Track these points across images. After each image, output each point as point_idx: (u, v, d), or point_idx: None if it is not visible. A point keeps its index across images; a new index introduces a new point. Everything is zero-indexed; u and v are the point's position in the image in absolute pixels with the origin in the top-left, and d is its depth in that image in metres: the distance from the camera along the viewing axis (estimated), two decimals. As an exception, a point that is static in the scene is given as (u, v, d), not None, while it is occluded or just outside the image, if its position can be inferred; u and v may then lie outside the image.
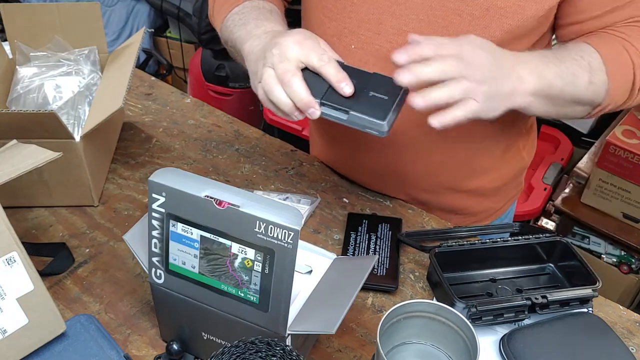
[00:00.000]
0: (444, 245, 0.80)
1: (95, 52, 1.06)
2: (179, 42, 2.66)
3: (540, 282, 0.81)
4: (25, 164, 0.66)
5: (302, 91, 0.67)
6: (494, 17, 0.76)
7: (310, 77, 0.69)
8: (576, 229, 1.85)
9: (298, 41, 0.70)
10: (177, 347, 0.69)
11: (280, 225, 0.56)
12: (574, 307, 0.75)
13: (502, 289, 0.79)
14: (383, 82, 0.70)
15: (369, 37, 0.83)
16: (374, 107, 0.68)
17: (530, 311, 0.74)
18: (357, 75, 0.70)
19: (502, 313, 0.73)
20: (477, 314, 0.72)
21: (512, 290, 0.79)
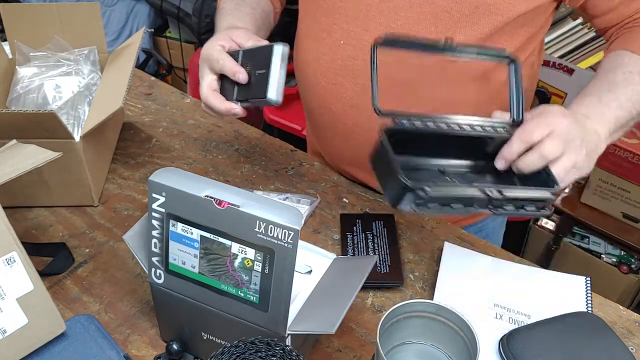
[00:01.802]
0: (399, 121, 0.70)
1: (95, 52, 1.06)
2: (179, 42, 2.66)
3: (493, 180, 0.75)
4: (25, 164, 0.66)
5: (217, 104, 0.79)
6: (483, 14, 0.77)
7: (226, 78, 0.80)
8: (576, 229, 1.85)
9: (205, 58, 0.82)
10: (177, 347, 0.69)
11: (280, 225, 0.56)
12: (529, 211, 0.70)
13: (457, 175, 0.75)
14: (260, 53, 0.77)
15: (357, 34, 0.84)
16: (260, 85, 0.76)
17: (481, 206, 0.67)
18: (251, 56, 0.78)
19: (450, 203, 0.66)
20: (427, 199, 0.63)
21: (462, 184, 0.73)
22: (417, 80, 0.85)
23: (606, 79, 0.77)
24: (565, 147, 0.68)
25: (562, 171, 0.69)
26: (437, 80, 0.85)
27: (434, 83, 0.85)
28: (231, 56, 0.80)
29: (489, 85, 0.86)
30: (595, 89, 0.77)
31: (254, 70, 0.77)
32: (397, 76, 0.83)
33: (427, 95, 0.86)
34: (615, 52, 0.81)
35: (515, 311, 0.77)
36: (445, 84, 0.85)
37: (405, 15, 0.80)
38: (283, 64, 0.76)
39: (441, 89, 0.86)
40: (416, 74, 0.85)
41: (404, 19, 0.80)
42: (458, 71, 0.84)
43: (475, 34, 0.79)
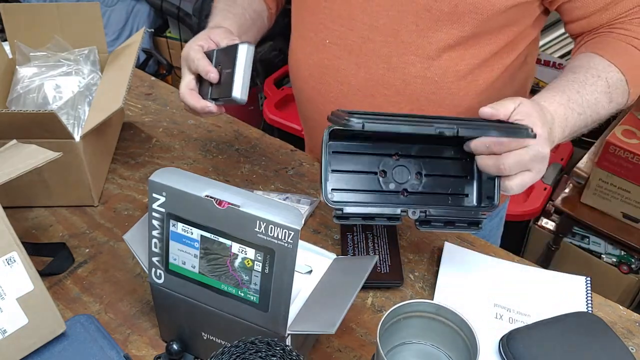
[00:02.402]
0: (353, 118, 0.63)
1: (95, 52, 1.06)
2: (179, 42, 2.65)
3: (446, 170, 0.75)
4: (25, 164, 0.66)
5: (193, 103, 0.82)
6: (463, 12, 0.78)
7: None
8: (576, 229, 1.85)
9: (184, 57, 0.83)
10: (177, 347, 0.69)
11: (281, 225, 0.56)
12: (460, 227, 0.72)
13: (399, 170, 0.74)
14: (229, 52, 0.79)
15: (342, 33, 0.85)
16: (227, 85, 0.78)
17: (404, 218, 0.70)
18: (222, 55, 0.80)
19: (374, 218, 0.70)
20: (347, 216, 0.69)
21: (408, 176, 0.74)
22: None
23: (579, 78, 0.77)
24: (531, 165, 0.67)
25: (519, 187, 0.68)
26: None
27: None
28: (207, 56, 0.81)
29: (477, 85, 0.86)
30: (568, 86, 0.76)
31: (224, 70, 0.79)
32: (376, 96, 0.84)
33: None
34: (586, 53, 0.81)
35: (515, 311, 0.77)
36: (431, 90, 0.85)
37: (387, 14, 0.81)
38: (248, 63, 0.77)
39: None
40: None
41: (386, 18, 0.81)
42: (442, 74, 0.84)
43: (456, 33, 0.80)
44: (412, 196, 0.75)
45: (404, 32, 0.81)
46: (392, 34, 0.82)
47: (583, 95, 0.75)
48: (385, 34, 0.82)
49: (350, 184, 0.74)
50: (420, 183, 0.75)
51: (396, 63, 0.83)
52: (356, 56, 0.85)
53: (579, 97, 0.75)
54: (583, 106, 0.75)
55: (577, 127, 0.75)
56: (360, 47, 0.85)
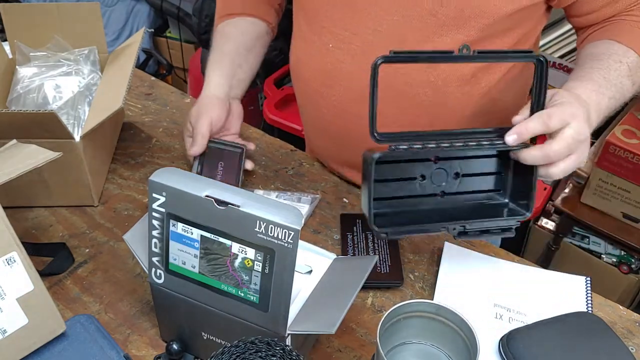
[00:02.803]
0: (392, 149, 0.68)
1: (95, 52, 1.06)
2: (179, 42, 2.66)
3: (482, 167, 0.76)
4: (25, 164, 0.66)
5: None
6: (470, 16, 0.77)
7: None
8: (576, 229, 1.85)
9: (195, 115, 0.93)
10: (177, 347, 0.69)
11: (281, 224, 0.56)
12: (494, 233, 0.73)
13: (438, 172, 0.75)
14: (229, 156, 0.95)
15: (345, 37, 0.85)
16: None
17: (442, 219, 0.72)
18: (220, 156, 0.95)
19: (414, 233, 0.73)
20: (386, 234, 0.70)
21: (445, 178, 0.75)
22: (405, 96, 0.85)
23: (601, 66, 0.78)
24: (575, 147, 0.68)
25: (564, 172, 0.69)
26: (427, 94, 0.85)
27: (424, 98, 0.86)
28: None
29: (479, 88, 0.86)
30: (596, 75, 0.77)
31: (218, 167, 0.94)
32: (389, 104, 0.84)
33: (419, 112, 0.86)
34: (602, 41, 0.82)
35: (515, 311, 0.77)
36: (435, 94, 0.85)
37: (391, 18, 0.80)
38: None
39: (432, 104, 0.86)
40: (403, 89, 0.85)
41: (390, 22, 0.81)
42: (446, 78, 0.84)
43: (462, 37, 0.79)
44: (449, 197, 0.76)
45: (408, 36, 0.81)
46: (396, 38, 0.81)
47: (610, 80, 0.76)
48: (390, 38, 0.81)
49: (389, 191, 0.75)
50: (458, 184, 0.76)
51: (400, 67, 0.83)
52: (360, 60, 0.85)
53: (606, 83, 0.76)
54: (612, 90, 0.76)
55: (608, 111, 0.77)
56: (364, 51, 0.84)
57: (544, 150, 0.67)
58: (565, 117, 0.67)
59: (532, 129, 0.68)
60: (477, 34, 0.79)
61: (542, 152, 0.68)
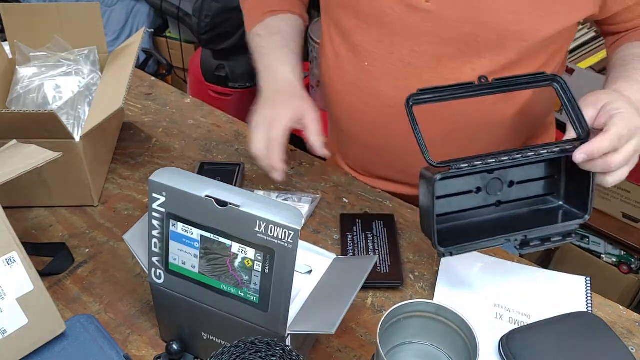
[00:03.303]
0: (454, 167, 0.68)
1: (95, 52, 1.06)
2: (179, 42, 2.66)
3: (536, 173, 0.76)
4: (25, 164, 0.66)
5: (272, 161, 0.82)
6: (509, 40, 0.77)
7: None
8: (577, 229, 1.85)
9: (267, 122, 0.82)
10: (177, 347, 0.69)
11: (281, 224, 0.56)
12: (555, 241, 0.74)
13: (493, 183, 0.75)
14: None
15: (381, 56, 0.84)
16: None
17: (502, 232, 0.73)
18: None
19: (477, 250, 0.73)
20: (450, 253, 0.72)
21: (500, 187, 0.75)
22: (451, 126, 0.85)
23: None
24: (634, 158, 0.68)
25: (616, 181, 0.69)
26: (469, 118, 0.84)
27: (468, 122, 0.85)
28: None
29: (514, 100, 0.86)
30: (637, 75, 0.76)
31: None
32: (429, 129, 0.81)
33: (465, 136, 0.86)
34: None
35: (515, 311, 0.77)
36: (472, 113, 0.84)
37: (429, 40, 0.79)
38: None
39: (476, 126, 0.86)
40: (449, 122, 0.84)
41: (429, 44, 0.79)
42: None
43: (500, 60, 0.79)
44: (505, 205, 0.76)
45: (446, 58, 0.80)
46: (434, 59, 0.80)
47: None
48: (427, 59, 0.81)
49: (446, 207, 0.75)
50: (512, 191, 0.76)
51: None
52: (395, 79, 0.84)
53: None
54: None
55: None
56: (400, 71, 0.83)
57: (607, 161, 0.67)
58: (633, 132, 0.67)
59: (604, 149, 0.67)
60: (516, 56, 0.79)
61: (604, 162, 0.67)
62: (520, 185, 0.76)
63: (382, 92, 0.86)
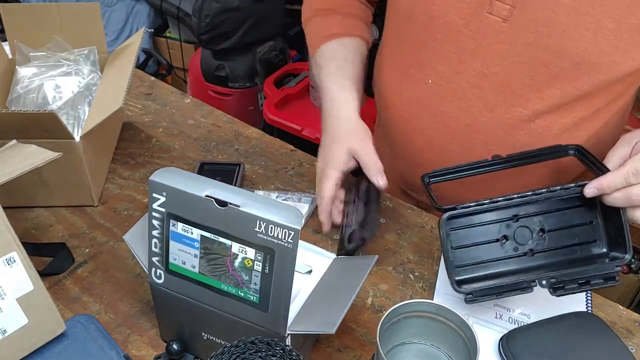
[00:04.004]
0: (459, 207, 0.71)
1: (95, 52, 1.06)
2: (179, 42, 2.66)
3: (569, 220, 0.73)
4: (25, 164, 0.66)
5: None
6: (584, 71, 0.74)
7: None
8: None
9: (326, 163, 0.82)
10: (177, 347, 0.69)
11: (281, 224, 0.56)
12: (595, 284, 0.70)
13: (520, 231, 0.73)
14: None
15: (447, 75, 0.81)
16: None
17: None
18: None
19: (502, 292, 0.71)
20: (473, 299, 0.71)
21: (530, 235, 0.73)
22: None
23: None
24: None
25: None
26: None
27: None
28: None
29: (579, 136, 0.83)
30: None
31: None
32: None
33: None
34: None
35: (515, 311, 0.77)
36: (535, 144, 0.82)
37: (500, 63, 0.77)
38: None
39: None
40: None
41: (499, 67, 0.77)
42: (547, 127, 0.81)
43: (572, 91, 0.76)
44: (539, 254, 0.74)
45: (515, 84, 0.77)
46: (502, 83, 0.78)
47: None
48: (495, 82, 0.78)
49: (472, 257, 0.74)
50: (545, 240, 0.74)
51: (501, 113, 0.80)
52: (459, 100, 0.82)
53: None
54: None
55: None
56: (465, 92, 0.81)
57: (627, 193, 0.66)
58: None
59: (616, 183, 0.66)
60: (589, 90, 0.75)
61: (624, 195, 0.66)
62: (554, 233, 0.73)
63: (443, 111, 0.84)
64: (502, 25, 0.75)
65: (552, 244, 0.74)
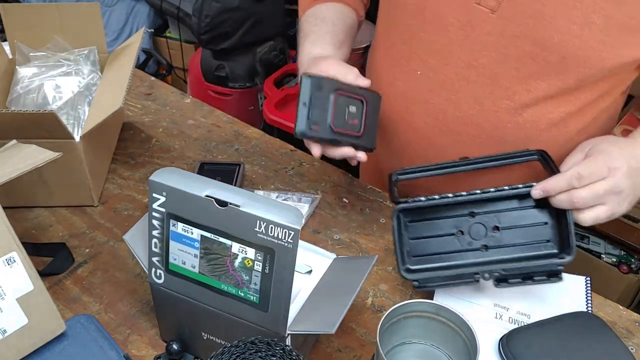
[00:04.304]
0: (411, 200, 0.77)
1: (95, 52, 1.06)
2: (179, 42, 2.66)
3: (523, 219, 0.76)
4: (25, 164, 0.66)
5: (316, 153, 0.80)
6: (571, 65, 0.74)
7: None
8: (576, 229, 1.85)
9: None
10: (177, 347, 0.69)
11: (281, 224, 0.56)
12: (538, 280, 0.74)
13: (476, 227, 0.77)
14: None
15: (436, 66, 0.82)
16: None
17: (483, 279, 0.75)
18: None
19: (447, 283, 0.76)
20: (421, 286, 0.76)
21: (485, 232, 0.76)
22: None
23: None
24: (608, 199, 0.69)
25: (592, 219, 0.70)
26: None
27: None
28: None
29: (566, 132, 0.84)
30: None
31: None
32: None
33: None
34: None
35: (515, 311, 0.77)
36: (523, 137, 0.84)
37: (488, 54, 0.77)
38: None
39: None
40: None
41: (487, 58, 0.77)
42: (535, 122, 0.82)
43: (558, 84, 0.76)
44: (492, 250, 0.76)
45: (503, 76, 0.78)
46: (490, 75, 0.78)
47: None
48: (483, 74, 0.79)
49: (429, 248, 0.78)
50: (499, 237, 0.76)
51: (489, 106, 0.81)
52: (448, 92, 0.82)
53: None
54: None
55: None
56: (453, 83, 0.81)
57: (570, 196, 0.68)
58: (600, 172, 0.68)
59: (559, 187, 0.69)
60: (575, 83, 0.76)
61: (567, 197, 0.69)
62: (509, 231, 0.76)
63: (432, 103, 0.84)
64: (490, 16, 0.75)
65: (505, 240, 0.76)
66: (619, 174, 0.68)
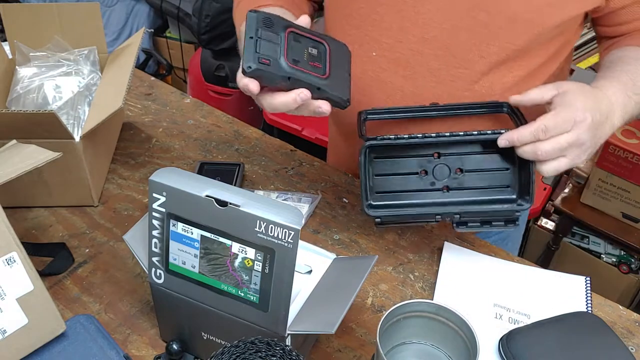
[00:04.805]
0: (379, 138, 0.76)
1: (95, 52, 1.06)
2: (179, 42, 2.66)
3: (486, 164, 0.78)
4: (25, 164, 0.66)
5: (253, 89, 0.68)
6: (519, 27, 0.77)
7: None
8: (576, 229, 1.85)
9: None
10: (177, 347, 0.69)
11: (281, 224, 0.56)
12: (496, 225, 0.76)
13: (440, 168, 0.78)
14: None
15: (390, 45, 0.83)
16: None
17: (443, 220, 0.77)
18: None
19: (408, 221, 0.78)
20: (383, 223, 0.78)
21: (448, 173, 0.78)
22: None
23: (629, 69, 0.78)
24: (570, 151, 0.70)
25: (553, 170, 0.72)
26: None
27: None
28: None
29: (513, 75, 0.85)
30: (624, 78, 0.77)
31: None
32: None
33: None
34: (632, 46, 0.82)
35: (515, 311, 0.77)
36: None
37: (440, 27, 0.79)
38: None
39: None
40: None
41: (439, 31, 0.79)
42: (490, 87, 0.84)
43: (509, 47, 0.79)
44: (454, 191, 0.78)
45: (456, 46, 0.80)
46: (443, 47, 0.80)
47: (636, 82, 0.77)
48: (436, 47, 0.80)
49: (392, 186, 0.79)
50: (462, 179, 0.78)
51: (445, 77, 0.82)
52: (404, 69, 0.83)
53: (633, 85, 0.76)
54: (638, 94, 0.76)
55: (635, 113, 0.77)
56: (408, 59, 0.83)
57: (535, 148, 0.70)
58: (565, 126, 0.69)
59: (525, 138, 0.71)
60: (525, 44, 0.79)
61: (532, 149, 0.70)
62: (472, 174, 0.78)
63: (390, 82, 0.85)
64: None
65: (467, 183, 0.78)
66: (583, 127, 0.69)
